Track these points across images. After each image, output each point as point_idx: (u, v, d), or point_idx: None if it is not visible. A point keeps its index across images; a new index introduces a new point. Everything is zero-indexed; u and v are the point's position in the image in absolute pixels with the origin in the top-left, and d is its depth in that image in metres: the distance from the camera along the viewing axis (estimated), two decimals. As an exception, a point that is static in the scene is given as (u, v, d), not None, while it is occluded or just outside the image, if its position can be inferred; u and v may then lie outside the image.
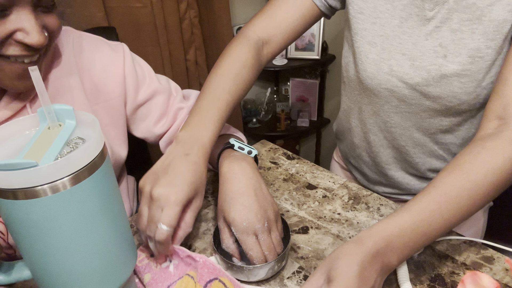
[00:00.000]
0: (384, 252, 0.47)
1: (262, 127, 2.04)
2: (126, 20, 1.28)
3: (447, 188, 0.51)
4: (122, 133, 0.75)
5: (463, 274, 0.56)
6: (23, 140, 0.42)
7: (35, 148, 0.40)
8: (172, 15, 1.36)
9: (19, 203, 0.36)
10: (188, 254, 0.54)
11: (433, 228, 0.50)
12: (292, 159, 0.85)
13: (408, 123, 0.74)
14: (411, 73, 0.68)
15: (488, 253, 0.59)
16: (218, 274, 0.52)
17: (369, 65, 0.72)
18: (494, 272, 0.56)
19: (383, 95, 0.73)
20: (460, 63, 0.64)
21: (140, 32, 1.33)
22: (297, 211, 0.69)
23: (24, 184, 0.35)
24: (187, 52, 1.49)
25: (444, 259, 0.58)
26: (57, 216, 0.38)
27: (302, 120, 2.01)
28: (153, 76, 0.77)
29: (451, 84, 0.65)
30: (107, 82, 0.70)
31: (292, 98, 2.09)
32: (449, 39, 0.64)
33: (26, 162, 0.34)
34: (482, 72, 0.63)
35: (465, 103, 0.67)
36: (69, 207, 0.38)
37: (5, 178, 0.35)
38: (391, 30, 0.69)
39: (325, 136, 2.19)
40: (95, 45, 0.71)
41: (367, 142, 0.83)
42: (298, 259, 0.60)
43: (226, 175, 0.59)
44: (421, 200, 0.51)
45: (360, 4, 0.71)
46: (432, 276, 0.56)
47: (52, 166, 0.36)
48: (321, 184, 0.76)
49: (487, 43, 0.62)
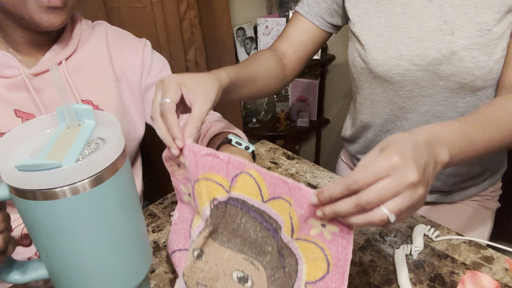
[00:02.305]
0: (436, 142, 0.46)
1: (262, 127, 2.04)
2: (127, 20, 1.28)
3: (487, 113, 0.54)
4: (140, 110, 0.82)
5: (462, 274, 0.56)
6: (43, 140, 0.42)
7: (55, 148, 0.39)
8: (172, 15, 1.36)
9: (38, 204, 0.36)
10: (208, 152, 0.49)
11: (477, 138, 0.51)
12: (292, 159, 0.85)
13: (424, 108, 0.74)
14: (421, 54, 0.69)
15: (488, 253, 0.59)
16: (244, 168, 0.48)
17: (378, 53, 0.73)
18: (493, 272, 0.56)
19: (396, 81, 0.73)
20: (468, 37, 0.64)
21: (140, 32, 1.33)
22: (297, 211, 0.69)
23: (45, 185, 0.35)
24: (187, 52, 1.49)
25: (444, 259, 0.58)
26: (76, 217, 0.37)
27: (302, 120, 2.01)
28: (167, 67, 0.85)
29: (463, 60, 0.66)
30: (129, 63, 0.79)
31: (292, 98, 2.09)
32: (454, 16, 0.65)
33: (50, 163, 0.34)
34: (492, 45, 0.64)
35: (479, 79, 0.67)
36: (88, 208, 0.38)
37: (25, 178, 0.34)
38: (396, 18, 0.71)
39: (325, 136, 2.19)
40: (123, 35, 0.81)
41: (384, 132, 0.83)
42: (298, 259, 0.60)
43: None
44: (463, 118, 0.52)
45: (364, 6, 0.74)
46: (432, 276, 0.56)
47: (75, 168, 0.35)
48: (321, 184, 0.76)
49: (493, 16, 0.63)
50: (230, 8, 1.55)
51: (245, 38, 1.85)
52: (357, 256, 0.60)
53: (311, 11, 0.81)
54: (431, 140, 0.45)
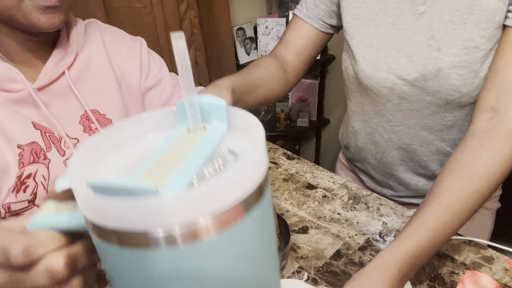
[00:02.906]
0: (407, 274, 0.48)
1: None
2: (127, 20, 1.28)
3: (455, 195, 0.51)
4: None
5: (462, 274, 0.56)
6: (145, 148, 0.28)
7: (162, 162, 0.25)
8: (172, 15, 1.36)
9: (119, 251, 0.21)
10: None
11: (446, 238, 0.50)
12: (292, 159, 0.85)
13: (412, 121, 0.74)
14: (409, 69, 0.68)
15: (488, 253, 0.59)
16: None
17: (367, 65, 0.72)
18: (493, 272, 0.56)
19: (384, 94, 0.73)
20: (455, 54, 0.63)
21: (140, 32, 1.32)
22: (297, 211, 0.69)
23: (134, 223, 0.20)
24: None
25: (443, 259, 0.58)
26: (189, 272, 0.22)
27: (302, 120, 2.01)
28: (164, 67, 0.83)
29: (449, 77, 0.65)
30: (127, 66, 0.77)
31: (292, 98, 2.09)
32: (442, 31, 0.64)
33: (138, 186, 0.20)
34: (478, 62, 0.63)
35: (465, 95, 0.66)
36: (208, 259, 0.22)
37: (102, 208, 0.21)
38: (386, 29, 0.69)
39: (325, 136, 2.19)
40: (118, 34, 0.78)
41: (373, 143, 0.82)
42: (298, 258, 0.60)
43: None
44: (433, 212, 0.51)
45: (354, 11, 0.73)
46: (432, 276, 0.56)
47: (183, 199, 0.20)
48: (321, 184, 0.76)
49: (480, 33, 0.61)
50: (230, 8, 1.55)
51: (245, 38, 1.85)
52: (357, 256, 0.60)
53: (310, 14, 0.79)
54: (403, 277, 0.47)
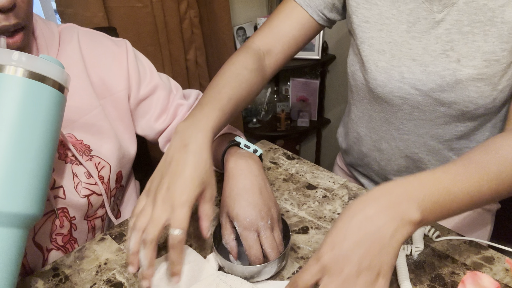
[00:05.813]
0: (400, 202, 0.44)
1: (262, 127, 2.04)
2: (127, 20, 1.28)
3: (475, 158, 0.49)
4: (129, 128, 0.75)
5: (463, 274, 0.55)
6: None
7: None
8: (172, 15, 1.36)
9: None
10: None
11: (459, 188, 0.46)
12: (292, 159, 0.85)
13: (422, 130, 0.72)
14: (424, 79, 0.66)
15: (489, 253, 0.59)
16: None
17: (379, 73, 0.69)
18: (494, 272, 0.56)
19: (396, 103, 0.71)
20: (475, 67, 0.62)
21: (141, 32, 1.33)
22: (297, 211, 0.69)
23: None
24: (187, 52, 1.49)
25: (444, 259, 0.58)
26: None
27: (302, 120, 2.01)
28: (154, 71, 0.78)
29: (467, 89, 0.63)
30: (112, 77, 0.70)
31: (292, 98, 2.09)
32: (462, 43, 0.62)
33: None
34: (498, 75, 0.62)
35: (481, 107, 0.65)
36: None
37: None
38: (399, 35, 0.67)
39: (325, 136, 2.19)
40: (99, 40, 0.72)
41: (378, 150, 0.81)
42: (298, 259, 0.60)
43: (232, 171, 0.59)
44: (443, 166, 0.48)
45: (364, 13, 0.70)
46: (432, 276, 0.56)
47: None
48: (321, 184, 0.76)
49: (502, 46, 0.60)
50: (230, 8, 1.55)
51: (245, 37, 1.85)
52: (357, 256, 0.60)
53: (311, 4, 0.74)
54: (393, 202, 0.43)
